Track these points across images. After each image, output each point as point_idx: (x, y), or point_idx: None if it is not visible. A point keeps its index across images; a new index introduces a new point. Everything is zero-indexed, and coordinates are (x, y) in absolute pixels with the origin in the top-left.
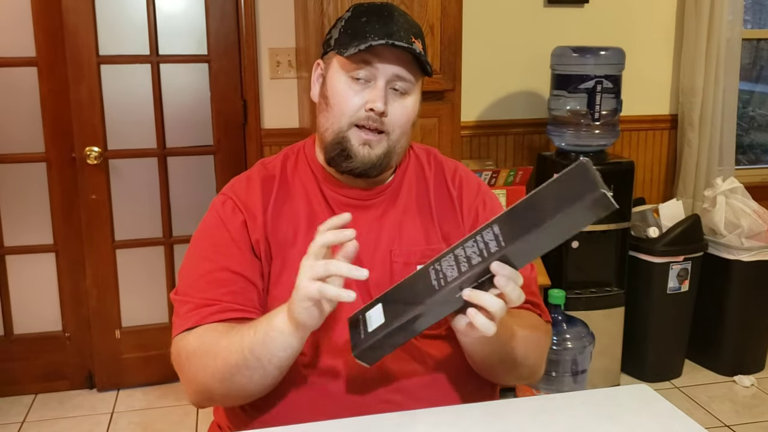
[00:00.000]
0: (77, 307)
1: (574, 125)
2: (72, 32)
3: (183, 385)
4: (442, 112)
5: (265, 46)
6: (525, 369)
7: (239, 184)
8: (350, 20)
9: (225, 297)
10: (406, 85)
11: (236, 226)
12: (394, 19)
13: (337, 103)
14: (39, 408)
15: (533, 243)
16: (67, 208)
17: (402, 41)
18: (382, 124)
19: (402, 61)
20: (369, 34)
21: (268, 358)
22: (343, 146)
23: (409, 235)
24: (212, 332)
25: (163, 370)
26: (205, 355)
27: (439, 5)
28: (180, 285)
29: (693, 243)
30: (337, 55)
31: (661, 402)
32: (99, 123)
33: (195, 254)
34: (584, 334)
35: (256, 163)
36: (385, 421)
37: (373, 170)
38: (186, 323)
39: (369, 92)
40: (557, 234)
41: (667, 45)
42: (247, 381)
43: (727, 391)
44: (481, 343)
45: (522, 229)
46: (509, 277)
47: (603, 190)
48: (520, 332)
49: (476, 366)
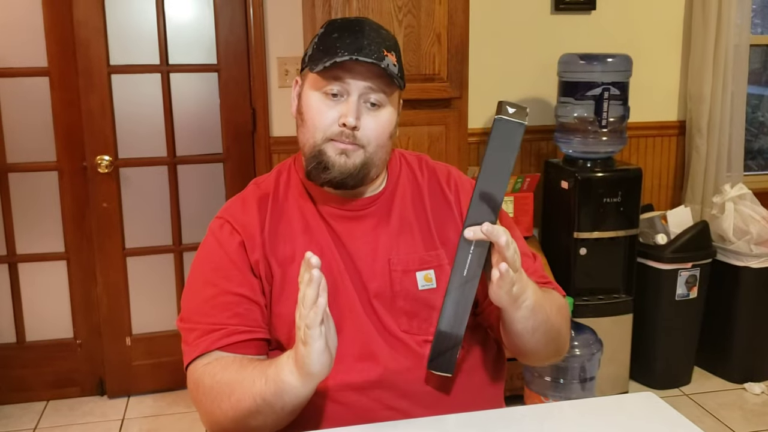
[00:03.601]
0: (88, 315)
1: (581, 132)
2: (83, 43)
3: (199, 416)
4: (450, 119)
5: (273, 55)
6: (561, 340)
7: (235, 206)
8: (323, 36)
9: (231, 320)
10: (379, 97)
11: (234, 248)
12: (365, 34)
13: (311, 118)
14: (50, 414)
15: (487, 187)
16: (79, 217)
17: (371, 55)
18: (355, 138)
19: (373, 75)
20: (339, 50)
21: (281, 406)
22: (320, 159)
23: (407, 242)
24: (226, 371)
25: (173, 376)
26: (220, 396)
27: (446, 14)
28: (184, 312)
29: (701, 250)
30: (309, 71)
31: (667, 410)
32: (110, 132)
33: (196, 280)
34: (592, 341)
35: (249, 183)
36: (390, 429)
37: (350, 180)
38: (195, 350)
39: (342, 107)
40: (497, 172)
41: (674, 51)
42: (261, 424)
43: (737, 398)
44: (533, 313)
45: (476, 180)
46: (484, 225)
47: (501, 116)
48: (550, 303)
49: (524, 343)
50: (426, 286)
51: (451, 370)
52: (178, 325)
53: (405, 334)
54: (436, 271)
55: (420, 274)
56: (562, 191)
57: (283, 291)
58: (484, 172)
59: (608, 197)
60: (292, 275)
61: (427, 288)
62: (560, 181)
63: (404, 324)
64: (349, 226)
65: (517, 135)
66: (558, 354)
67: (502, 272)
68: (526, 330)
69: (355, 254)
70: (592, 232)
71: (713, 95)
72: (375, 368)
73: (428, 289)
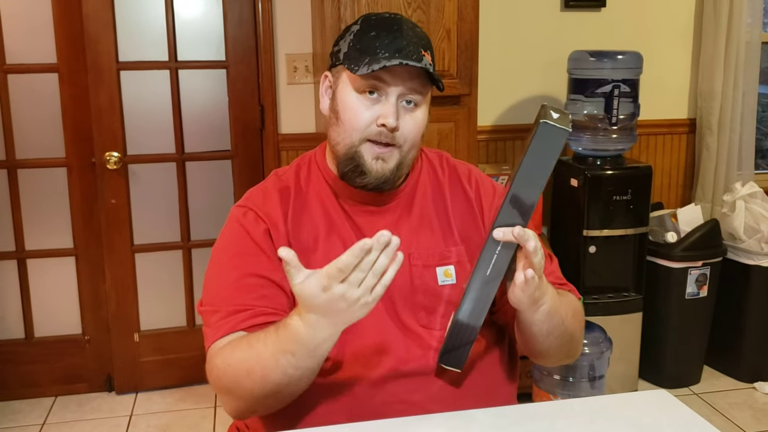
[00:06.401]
0: (97, 311)
1: (591, 130)
2: (92, 39)
3: (222, 397)
4: (459, 116)
5: (282, 51)
6: (574, 344)
7: (257, 195)
8: (359, 34)
9: (256, 301)
10: (417, 97)
11: (260, 235)
12: (403, 34)
13: (348, 118)
14: (58, 410)
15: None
16: (87, 213)
17: (412, 56)
18: (393, 138)
19: (413, 76)
20: (379, 51)
21: (298, 355)
22: (357, 162)
23: (427, 237)
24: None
25: (181, 373)
26: (242, 369)
27: (455, 10)
28: (206, 296)
29: (712, 248)
30: (347, 70)
31: (680, 408)
32: (118, 128)
33: (220, 265)
34: (602, 340)
35: (270, 173)
36: (401, 425)
37: (387, 184)
38: (219, 331)
39: (380, 107)
40: (534, 176)
41: (685, 48)
42: (287, 382)
43: (747, 397)
44: (549, 317)
45: (511, 181)
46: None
47: (546, 120)
48: (567, 307)
49: (537, 345)
50: (446, 282)
51: (461, 366)
52: (199, 309)
53: (423, 329)
54: (456, 267)
55: (440, 269)
56: (571, 189)
57: None
58: (521, 175)
59: (618, 195)
60: (314, 264)
61: (447, 283)
62: (570, 179)
63: (423, 319)
64: (370, 219)
65: (560, 141)
66: (570, 357)
67: (528, 278)
68: (541, 332)
69: None
70: (601, 230)
71: (724, 93)
72: (391, 362)
73: (448, 285)
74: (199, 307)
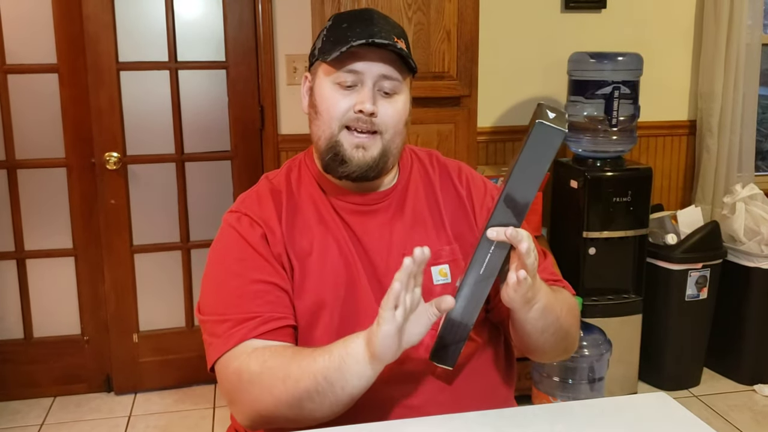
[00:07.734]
0: (96, 311)
1: (591, 131)
2: (92, 39)
3: (236, 408)
4: (459, 117)
5: (282, 52)
6: (570, 339)
7: (250, 200)
8: (332, 28)
9: (263, 308)
10: (393, 84)
11: (257, 240)
12: (374, 21)
13: (325, 108)
14: (57, 411)
15: (516, 190)
16: (87, 213)
17: (384, 41)
18: (372, 124)
19: (386, 60)
20: (351, 38)
21: (341, 385)
22: (336, 150)
23: (421, 236)
24: (279, 356)
25: (180, 373)
26: (272, 380)
27: (456, 11)
28: (208, 305)
29: (712, 250)
30: (322, 63)
31: (680, 410)
32: (118, 129)
33: (219, 272)
34: (601, 342)
35: (260, 178)
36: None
37: (371, 172)
38: (230, 341)
39: (357, 95)
40: (529, 176)
41: (685, 50)
42: (316, 407)
43: (747, 400)
44: (543, 314)
45: (506, 181)
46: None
47: (541, 120)
48: (561, 303)
49: (532, 342)
50: (441, 281)
51: (453, 364)
52: (200, 318)
53: None
54: (450, 266)
55: (435, 268)
56: (571, 190)
57: (303, 284)
58: (516, 175)
59: (618, 197)
60: (309, 269)
61: (442, 283)
62: (569, 180)
63: None
64: (362, 220)
65: (555, 141)
66: (566, 352)
67: (520, 279)
68: (536, 330)
69: (370, 248)
70: (601, 232)
71: (724, 95)
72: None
73: (443, 284)
74: (199, 315)
